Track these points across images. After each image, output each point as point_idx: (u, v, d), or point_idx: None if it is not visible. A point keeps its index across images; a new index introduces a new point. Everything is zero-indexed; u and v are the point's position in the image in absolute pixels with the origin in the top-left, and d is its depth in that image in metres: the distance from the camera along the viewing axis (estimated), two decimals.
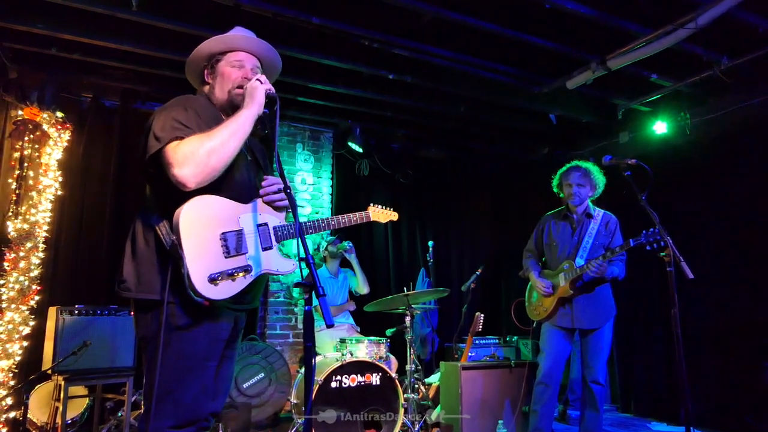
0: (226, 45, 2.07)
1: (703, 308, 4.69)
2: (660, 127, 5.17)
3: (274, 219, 2.02)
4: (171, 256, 1.74)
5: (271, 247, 1.97)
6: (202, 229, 1.79)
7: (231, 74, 2.03)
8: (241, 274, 1.83)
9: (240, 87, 2.01)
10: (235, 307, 1.92)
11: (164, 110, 1.88)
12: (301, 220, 1.90)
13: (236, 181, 1.93)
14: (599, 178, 3.77)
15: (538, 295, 3.81)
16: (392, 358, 4.52)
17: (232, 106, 2.02)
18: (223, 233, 1.83)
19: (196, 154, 1.74)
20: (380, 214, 2.76)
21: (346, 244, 4.96)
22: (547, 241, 3.90)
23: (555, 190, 3.90)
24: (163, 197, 1.79)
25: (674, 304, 2.61)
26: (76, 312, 3.81)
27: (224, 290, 1.78)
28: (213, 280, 1.75)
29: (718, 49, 4.17)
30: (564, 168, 3.84)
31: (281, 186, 1.95)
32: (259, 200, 2.01)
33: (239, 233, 1.87)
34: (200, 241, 1.77)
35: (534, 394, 3.70)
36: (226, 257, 1.81)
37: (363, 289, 5.10)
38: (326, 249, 5.05)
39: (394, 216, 2.85)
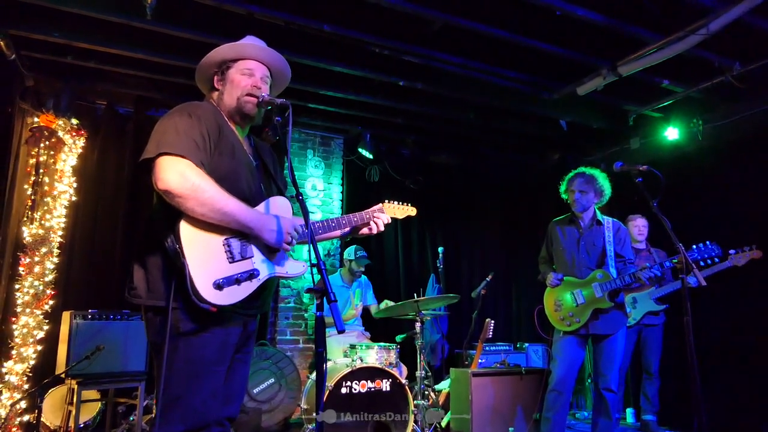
0: (237, 53, 2.09)
1: (716, 316, 4.64)
2: (672, 133, 5.14)
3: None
4: (175, 263, 1.76)
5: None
6: (205, 235, 1.80)
7: (240, 82, 2.06)
8: (246, 279, 1.84)
9: (249, 95, 2.04)
10: (244, 311, 1.93)
11: (168, 117, 1.90)
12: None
13: (240, 188, 1.93)
14: (605, 185, 3.74)
15: (570, 305, 3.64)
16: (402, 365, 4.51)
17: (240, 113, 2.06)
18: (226, 239, 1.84)
19: (187, 179, 1.75)
20: (395, 209, 2.53)
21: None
22: (554, 246, 3.88)
23: (563, 196, 3.89)
24: (169, 204, 1.79)
25: (687, 311, 2.59)
26: (90, 316, 3.85)
27: (230, 296, 1.79)
28: (218, 286, 1.76)
29: (730, 54, 4.14)
30: (570, 174, 3.84)
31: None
32: (270, 203, 2.01)
33: (244, 237, 1.88)
34: (203, 247, 1.79)
35: (546, 402, 3.67)
36: (230, 263, 1.83)
37: (374, 307, 5.21)
38: (350, 262, 5.06)
39: (411, 211, 2.60)
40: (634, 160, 4.98)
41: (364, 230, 2.35)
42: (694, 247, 3.41)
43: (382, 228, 2.35)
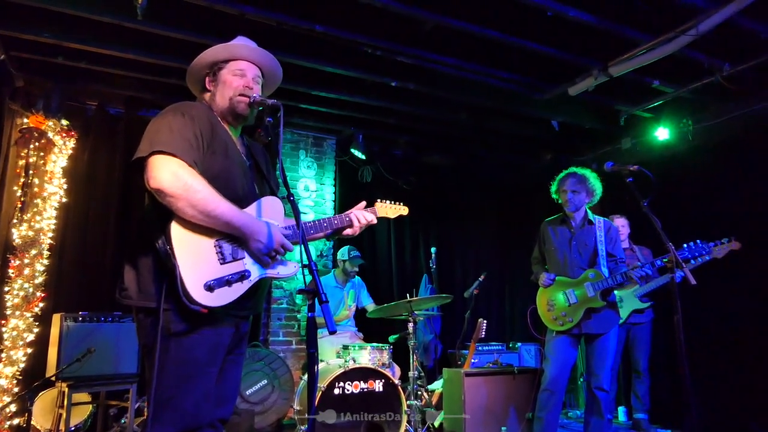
0: (229, 53, 2.09)
1: (706, 314, 4.67)
2: (662, 134, 5.18)
3: (276, 222, 2.01)
4: (166, 265, 1.75)
5: None
6: (196, 236, 1.80)
7: (232, 82, 2.06)
8: (237, 281, 1.83)
9: (241, 95, 2.03)
10: (236, 313, 1.92)
11: (161, 116, 1.90)
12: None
13: (233, 188, 1.93)
14: (596, 185, 3.76)
15: (562, 305, 3.65)
16: (395, 366, 4.51)
17: (232, 113, 2.05)
18: (218, 240, 1.84)
19: (179, 178, 1.74)
20: (388, 209, 2.53)
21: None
22: (547, 246, 3.90)
23: (554, 196, 3.91)
24: (160, 205, 1.78)
25: (677, 310, 2.61)
26: (80, 319, 3.82)
27: (221, 297, 1.78)
28: (209, 287, 1.75)
29: (720, 55, 4.17)
30: (561, 174, 3.85)
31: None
32: (262, 203, 2.01)
33: (236, 239, 1.88)
34: (194, 248, 1.78)
35: (539, 401, 3.69)
36: (221, 264, 1.82)
37: (370, 306, 5.21)
38: (344, 263, 5.06)
39: (403, 210, 2.60)
40: (625, 160, 5.02)
41: (347, 231, 2.30)
42: (685, 246, 3.44)
43: (363, 222, 2.30)
